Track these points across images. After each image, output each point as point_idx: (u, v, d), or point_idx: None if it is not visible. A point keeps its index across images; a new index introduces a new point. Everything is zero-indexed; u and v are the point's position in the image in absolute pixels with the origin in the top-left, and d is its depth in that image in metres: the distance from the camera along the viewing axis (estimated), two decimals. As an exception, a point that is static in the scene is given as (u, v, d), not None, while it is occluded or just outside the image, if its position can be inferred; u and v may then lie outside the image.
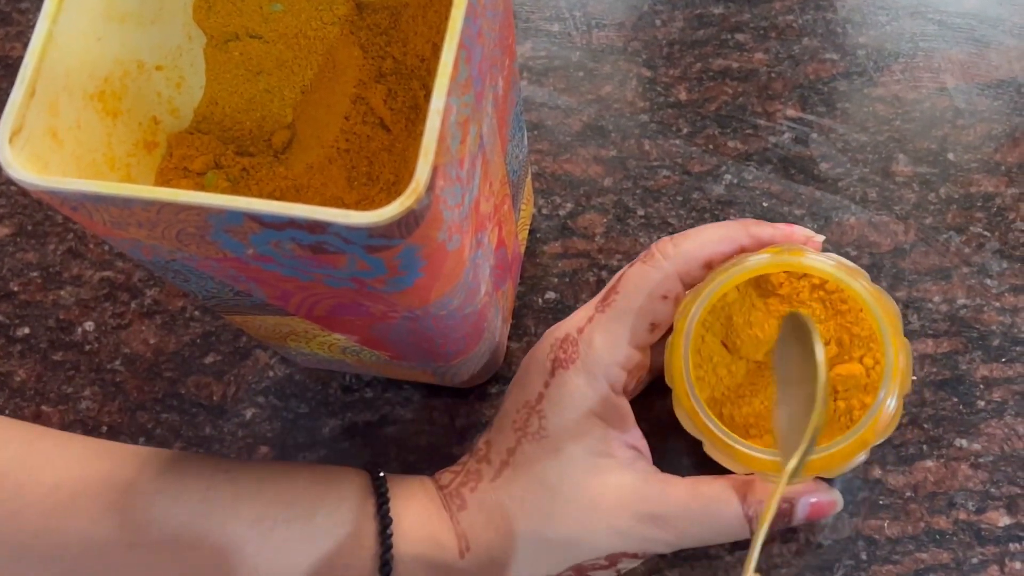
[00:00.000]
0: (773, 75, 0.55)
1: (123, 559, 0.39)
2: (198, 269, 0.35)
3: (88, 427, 0.50)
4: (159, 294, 0.52)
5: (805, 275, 0.44)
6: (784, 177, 0.53)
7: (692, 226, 0.52)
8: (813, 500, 0.43)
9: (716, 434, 0.41)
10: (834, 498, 0.43)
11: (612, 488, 0.41)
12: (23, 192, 0.54)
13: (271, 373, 0.51)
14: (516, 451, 0.42)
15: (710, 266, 0.43)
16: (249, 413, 0.50)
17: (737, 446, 0.40)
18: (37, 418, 0.50)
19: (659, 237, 0.52)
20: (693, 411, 0.41)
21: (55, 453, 0.41)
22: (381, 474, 0.42)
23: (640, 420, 0.44)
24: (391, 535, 0.41)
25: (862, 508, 0.47)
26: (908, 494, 0.47)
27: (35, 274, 0.53)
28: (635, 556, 0.42)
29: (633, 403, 0.44)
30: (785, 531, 0.47)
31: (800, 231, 0.44)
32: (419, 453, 0.49)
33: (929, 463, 0.47)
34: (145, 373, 0.51)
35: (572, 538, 0.41)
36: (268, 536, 0.40)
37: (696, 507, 0.41)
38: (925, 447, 0.48)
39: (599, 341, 0.42)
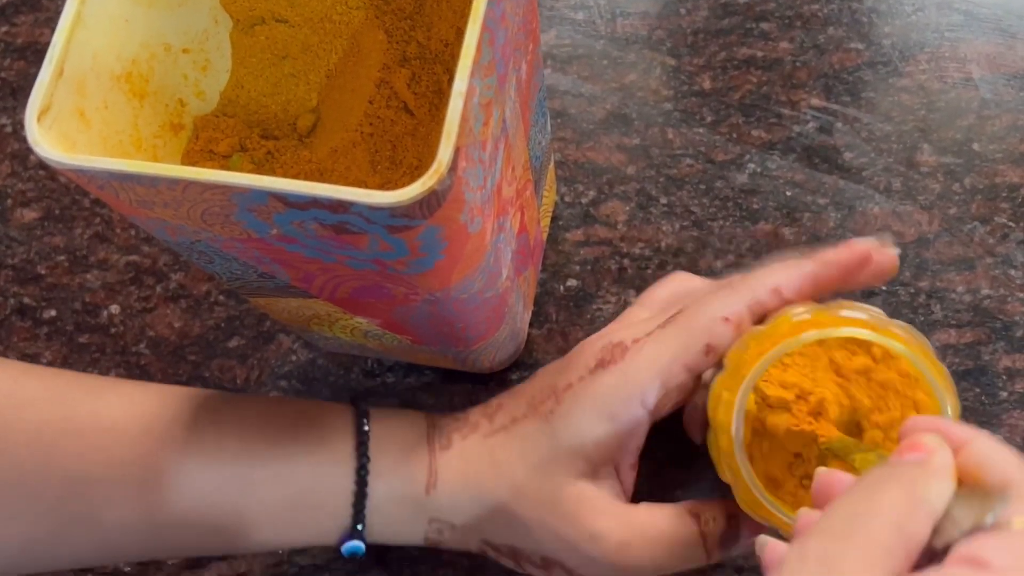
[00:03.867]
0: (798, 64, 0.55)
1: (107, 494, 0.40)
2: (223, 250, 0.35)
3: (113, 409, 0.51)
4: (184, 278, 0.53)
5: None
6: (808, 166, 0.53)
7: (715, 214, 0.52)
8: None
9: (748, 486, 0.39)
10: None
11: (580, 496, 0.41)
12: (51, 176, 0.55)
13: (294, 357, 0.51)
14: (520, 422, 0.42)
15: (779, 292, 0.41)
16: (272, 396, 0.51)
17: (765, 503, 0.39)
18: (63, 399, 0.51)
19: (682, 226, 0.52)
20: (731, 455, 0.39)
21: (40, 391, 0.41)
22: (366, 410, 0.43)
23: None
24: (367, 475, 0.41)
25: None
26: (929, 484, 0.47)
27: (62, 258, 0.53)
28: (568, 572, 0.42)
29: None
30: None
31: (858, 247, 0.42)
32: (440, 438, 0.49)
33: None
34: (169, 356, 0.51)
35: (522, 521, 0.41)
36: (247, 475, 0.41)
37: (656, 531, 0.41)
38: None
39: (649, 351, 0.41)
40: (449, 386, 0.50)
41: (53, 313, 0.53)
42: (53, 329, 0.52)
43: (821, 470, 0.33)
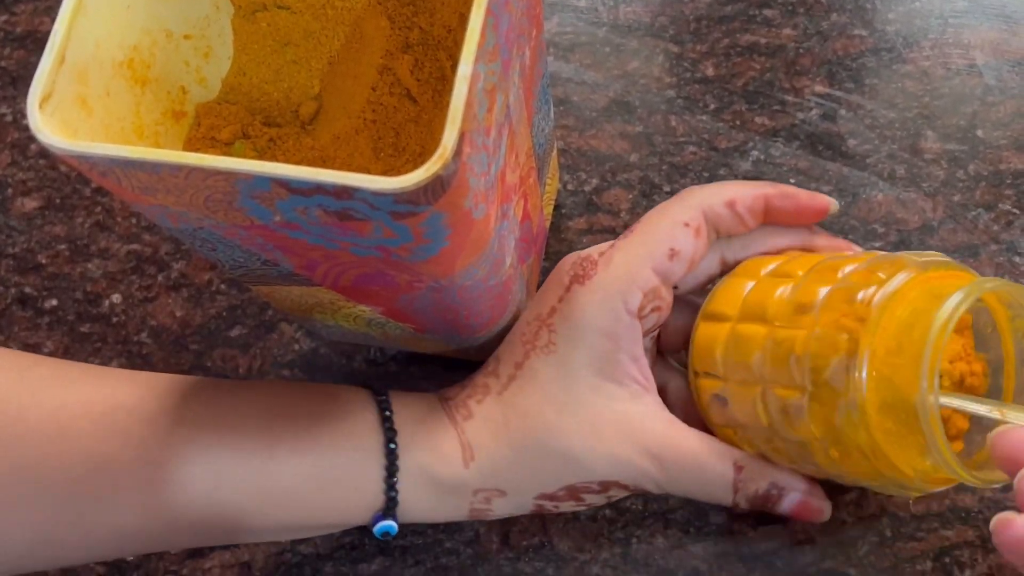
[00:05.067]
0: (801, 51, 0.55)
1: (122, 477, 0.39)
2: (226, 237, 0.35)
3: (115, 398, 0.51)
4: (186, 267, 0.52)
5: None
6: (812, 153, 0.52)
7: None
8: (801, 498, 0.43)
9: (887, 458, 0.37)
10: (822, 507, 0.43)
11: (618, 415, 0.41)
12: (52, 165, 0.55)
13: (296, 346, 0.51)
14: (524, 365, 0.42)
15: (732, 205, 0.43)
16: (274, 386, 0.50)
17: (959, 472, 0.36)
18: (65, 389, 0.51)
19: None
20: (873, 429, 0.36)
21: (52, 379, 0.41)
22: (382, 389, 0.43)
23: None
24: (397, 448, 0.41)
25: (887, 485, 0.47)
26: (933, 472, 0.47)
27: (63, 247, 0.53)
28: (626, 487, 0.42)
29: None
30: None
31: (821, 198, 0.44)
32: (443, 427, 0.49)
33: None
34: (171, 345, 0.51)
35: (571, 455, 0.41)
36: (269, 458, 0.40)
37: (692, 459, 0.41)
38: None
39: (619, 260, 0.42)
40: (451, 374, 0.50)
41: (54, 303, 0.52)
42: (54, 319, 0.52)
43: (1003, 428, 0.34)
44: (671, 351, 0.47)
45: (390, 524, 0.41)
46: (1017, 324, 0.39)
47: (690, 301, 0.46)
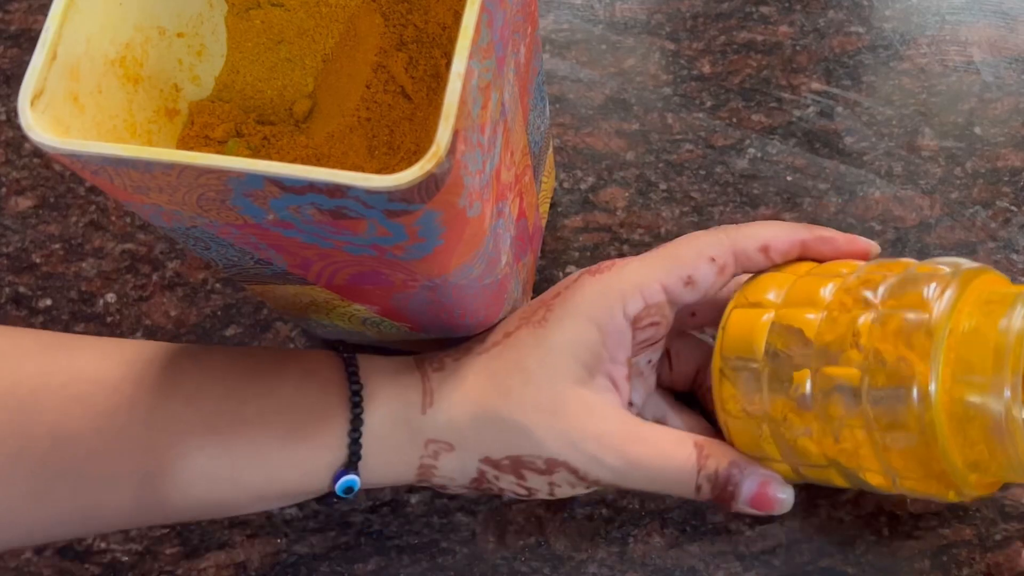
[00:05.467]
0: (798, 48, 0.54)
1: (91, 446, 0.39)
2: (219, 236, 0.35)
3: (110, 398, 0.50)
4: (180, 266, 0.52)
5: None
6: (808, 151, 0.52)
7: (715, 200, 0.52)
8: (761, 480, 0.41)
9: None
10: (783, 497, 0.42)
11: (583, 399, 0.41)
12: (46, 164, 0.55)
13: (292, 345, 0.51)
14: (512, 335, 0.42)
15: (766, 250, 0.42)
16: (270, 385, 0.50)
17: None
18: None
19: (682, 212, 0.52)
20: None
21: (10, 348, 0.40)
22: (349, 345, 0.43)
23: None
24: (361, 400, 0.41)
25: (884, 484, 0.47)
26: (931, 470, 0.47)
27: (57, 246, 0.53)
28: (574, 473, 0.41)
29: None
30: (807, 505, 0.46)
31: (862, 241, 0.43)
32: (439, 426, 0.49)
33: None
34: (166, 345, 0.51)
35: (522, 426, 0.41)
36: (235, 416, 0.40)
37: (653, 443, 0.41)
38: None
39: (634, 267, 0.42)
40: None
41: (48, 302, 0.52)
42: (48, 318, 0.52)
43: None
44: (682, 387, 0.47)
45: (352, 479, 0.41)
46: None
47: (697, 339, 0.46)
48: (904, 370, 0.35)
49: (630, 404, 0.44)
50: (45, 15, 0.57)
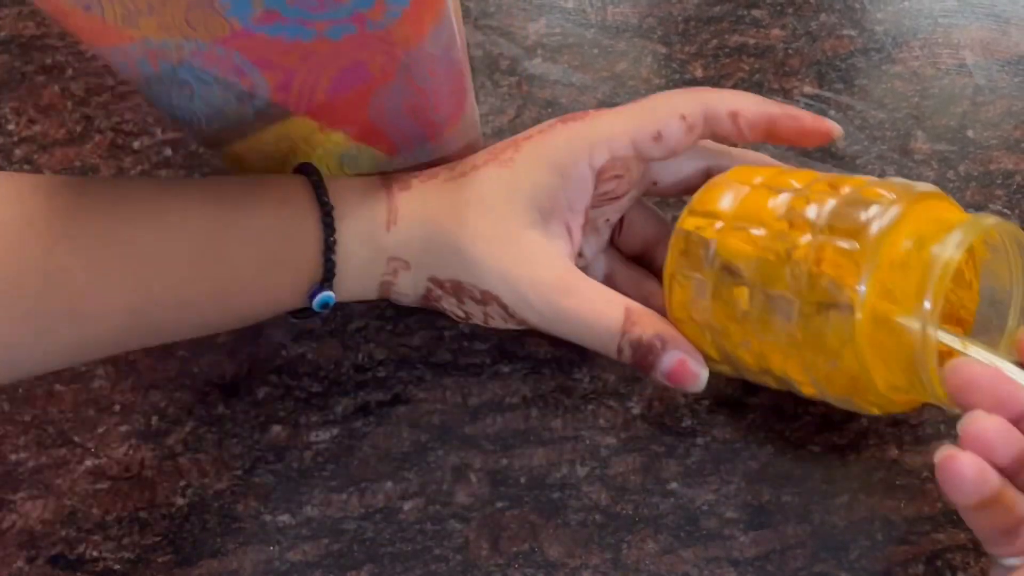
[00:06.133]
0: (790, 51, 0.54)
1: (84, 279, 0.39)
2: (204, 69, 0.35)
3: (100, 405, 0.50)
4: (172, 273, 0.52)
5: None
6: (801, 154, 0.52)
7: (707, 204, 0.52)
8: (681, 356, 0.42)
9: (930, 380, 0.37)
10: (699, 372, 0.42)
11: (529, 241, 0.43)
12: (37, 171, 0.54)
13: (284, 352, 0.51)
14: (479, 169, 0.44)
15: (735, 116, 0.43)
16: (262, 392, 0.50)
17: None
18: (50, 396, 0.50)
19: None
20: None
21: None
22: (315, 168, 0.44)
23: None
24: (332, 220, 0.42)
25: (878, 488, 0.46)
26: (925, 474, 0.47)
27: (48, 253, 0.53)
28: (504, 308, 0.43)
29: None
30: (800, 511, 0.46)
31: (828, 123, 0.45)
32: (432, 432, 0.49)
33: (947, 443, 0.47)
34: (158, 352, 0.51)
35: (469, 255, 0.43)
36: (217, 240, 0.41)
37: (585, 296, 0.42)
38: (943, 427, 0.47)
39: (606, 119, 0.44)
40: (441, 379, 0.50)
41: (39, 309, 0.52)
42: (40, 325, 0.52)
43: (959, 361, 0.36)
44: (628, 253, 0.49)
45: (328, 295, 0.43)
46: (993, 264, 0.40)
47: (655, 212, 0.48)
48: (834, 293, 0.37)
49: (579, 255, 0.46)
50: (35, 22, 0.57)
